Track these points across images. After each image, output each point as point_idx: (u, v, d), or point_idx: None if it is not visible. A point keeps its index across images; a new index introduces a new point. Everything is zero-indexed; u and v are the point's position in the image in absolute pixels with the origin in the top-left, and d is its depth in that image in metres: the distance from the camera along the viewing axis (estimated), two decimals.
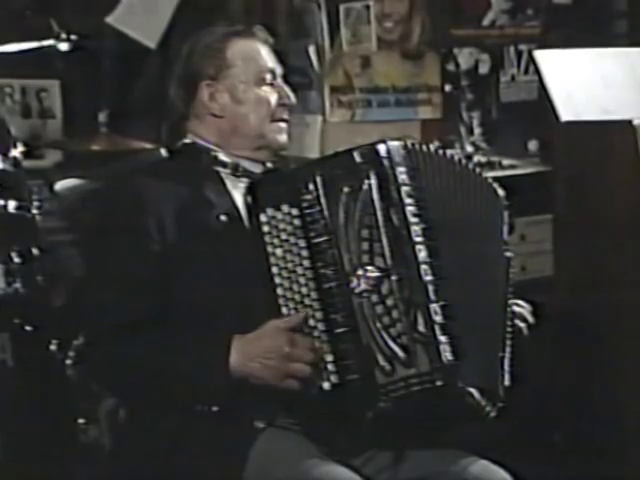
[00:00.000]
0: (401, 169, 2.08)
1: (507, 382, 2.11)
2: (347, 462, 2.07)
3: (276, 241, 2.07)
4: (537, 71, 3.16)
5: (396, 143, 2.11)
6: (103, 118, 3.44)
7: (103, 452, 2.32)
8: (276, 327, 2.06)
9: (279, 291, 2.06)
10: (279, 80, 2.27)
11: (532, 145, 3.99)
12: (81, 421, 2.87)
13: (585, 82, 3.07)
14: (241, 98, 2.22)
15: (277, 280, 2.06)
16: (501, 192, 2.26)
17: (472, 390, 2.05)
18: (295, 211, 2.07)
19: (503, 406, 2.09)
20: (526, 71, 4.01)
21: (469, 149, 3.88)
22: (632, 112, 2.98)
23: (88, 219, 2.26)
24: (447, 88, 3.91)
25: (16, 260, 2.92)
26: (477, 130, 3.93)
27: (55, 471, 2.90)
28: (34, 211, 2.96)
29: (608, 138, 3.01)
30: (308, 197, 2.07)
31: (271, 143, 2.24)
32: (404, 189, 2.07)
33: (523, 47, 4.01)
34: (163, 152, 2.29)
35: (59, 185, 2.44)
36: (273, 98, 2.24)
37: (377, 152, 2.08)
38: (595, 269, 3.02)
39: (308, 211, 2.06)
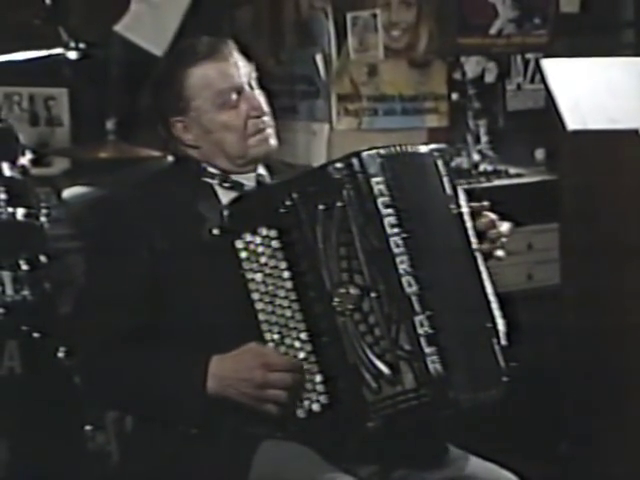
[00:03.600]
0: (377, 179, 2.01)
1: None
2: (354, 473, 2.06)
3: (255, 266, 2.03)
4: (544, 80, 3.16)
5: (372, 152, 2.03)
6: (111, 126, 3.44)
7: (110, 459, 2.33)
8: (253, 353, 2.03)
9: (261, 316, 2.03)
10: (247, 91, 2.18)
11: (539, 154, 3.99)
12: (88, 428, 2.88)
13: (592, 91, 3.08)
14: (209, 128, 2.17)
15: (259, 305, 2.03)
16: (427, 148, 2.11)
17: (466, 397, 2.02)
18: (273, 233, 2.02)
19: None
20: (533, 80, 4.02)
21: (476, 157, 3.89)
22: (639, 121, 2.98)
23: (93, 228, 2.26)
24: (454, 96, 3.91)
25: (24, 267, 2.92)
26: (484, 138, 3.94)
27: (62, 477, 2.90)
28: (42, 218, 2.96)
29: (615, 147, 3.01)
30: (286, 217, 2.02)
31: (255, 157, 2.19)
32: (381, 200, 2.00)
33: (530, 56, 4.02)
34: (170, 159, 2.30)
35: (67, 193, 2.45)
36: (240, 119, 2.15)
37: (351, 166, 2.01)
38: (602, 278, 3.02)
39: (286, 231, 2.02)
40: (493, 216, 2.18)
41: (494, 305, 2.11)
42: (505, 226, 2.20)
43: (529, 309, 3.11)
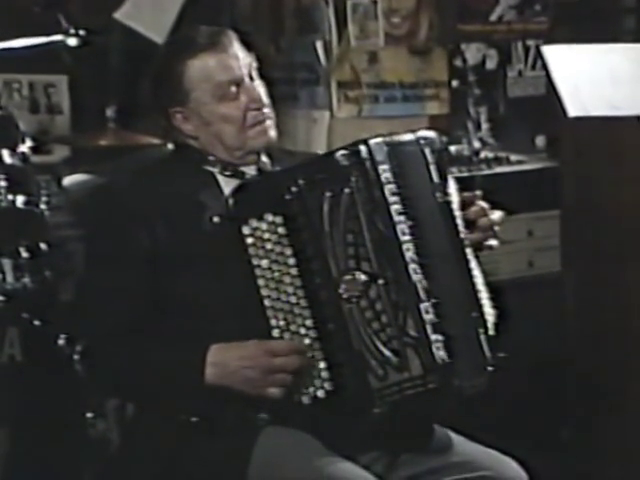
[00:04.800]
0: (384, 167, 2.02)
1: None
2: (355, 460, 2.06)
3: (261, 252, 2.03)
4: (545, 66, 3.16)
5: (379, 140, 2.04)
6: (111, 113, 3.44)
7: (111, 446, 2.34)
8: (256, 341, 2.04)
9: (267, 302, 2.03)
10: (247, 83, 2.17)
11: (539, 141, 3.99)
12: (89, 415, 2.88)
13: (593, 78, 3.07)
14: (208, 120, 2.16)
15: (264, 292, 2.03)
16: (413, 136, 2.11)
17: (472, 383, 2.04)
18: (279, 219, 2.03)
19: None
20: (533, 66, 4.01)
21: (476, 145, 3.88)
22: None
23: (93, 215, 2.26)
24: (454, 83, 3.91)
25: (24, 255, 2.92)
26: (484, 125, 3.93)
27: (63, 465, 2.91)
28: (42, 206, 2.96)
29: (616, 134, 3.00)
30: (292, 203, 2.02)
31: (254, 148, 2.19)
32: (388, 187, 2.02)
33: (531, 42, 4.01)
34: (170, 147, 2.29)
35: (67, 180, 2.44)
36: (239, 111, 2.15)
37: (358, 153, 2.02)
38: (602, 265, 3.02)
39: (292, 218, 2.02)
40: (484, 204, 2.18)
41: (483, 295, 2.11)
42: (496, 214, 2.19)
43: (529, 296, 3.10)
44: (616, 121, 2.99)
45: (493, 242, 2.18)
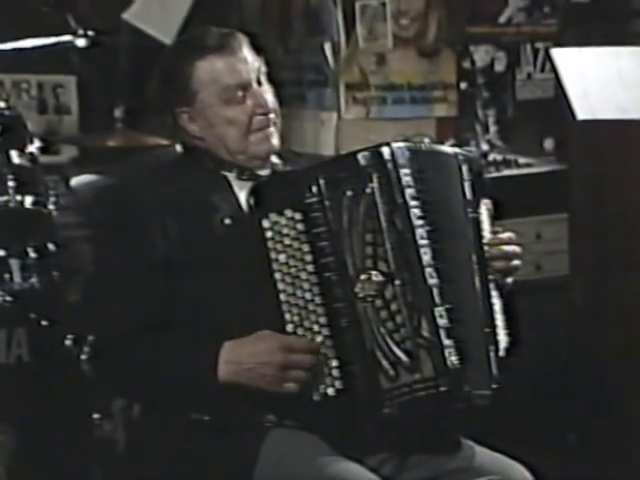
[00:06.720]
0: (405, 171, 2.05)
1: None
2: (362, 462, 2.07)
3: (279, 246, 2.05)
4: (554, 69, 3.16)
5: (401, 144, 2.08)
6: (119, 114, 3.45)
7: (117, 447, 2.34)
8: (270, 336, 2.04)
9: (282, 297, 2.04)
10: (254, 88, 2.18)
11: (548, 143, 3.98)
12: (96, 416, 2.88)
13: (602, 80, 3.07)
14: (213, 122, 2.18)
15: (280, 286, 2.04)
16: (453, 150, 2.17)
17: (482, 392, 2.04)
18: (298, 215, 2.05)
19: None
20: (542, 69, 4.00)
21: (485, 147, 3.88)
22: None
23: (102, 216, 2.27)
24: (463, 86, 3.90)
25: (32, 255, 2.92)
26: (493, 128, 3.92)
27: (69, 466, 2.91)
28: (50, 206, 2.96)
29: (624, 137, 3.00)
30: (311, 201, 2.04)
31: (256, 154, 2.20)
32: (408, 191, 2.04)
33: (540, 45, 4.00)
34: (178, 148, 2.29)
35: (75, 181, 2.44)
36: (245, 115, 2.17)
37: (381, 155, 2.05)
38: (611, 268, 3.01)
39: (312, 215, 2.04)
40: (511, 234, 2.20)
41: (498, 317, 2.12)
42: (506, 235, 2.20)
43: (537, 299, 3.11)
44: (625, 124, 2.99)
45: (509, 280, 2.19)
